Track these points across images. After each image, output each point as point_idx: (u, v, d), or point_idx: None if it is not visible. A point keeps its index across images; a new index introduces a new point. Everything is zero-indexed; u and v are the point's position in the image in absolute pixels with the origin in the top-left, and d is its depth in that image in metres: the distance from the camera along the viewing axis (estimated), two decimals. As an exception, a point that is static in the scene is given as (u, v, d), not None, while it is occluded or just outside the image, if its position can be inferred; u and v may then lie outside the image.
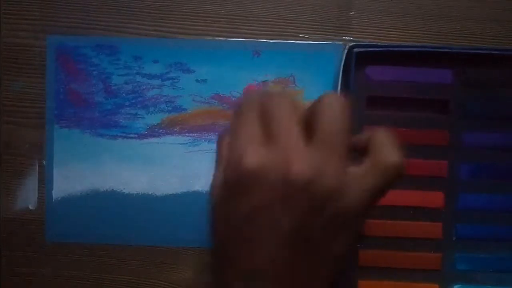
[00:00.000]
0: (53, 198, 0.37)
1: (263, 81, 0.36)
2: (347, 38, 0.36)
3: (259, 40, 0.36)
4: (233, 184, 0.22)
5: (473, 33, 0.36)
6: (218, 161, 0.25)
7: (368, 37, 0.36)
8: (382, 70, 0.35)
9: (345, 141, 0.23)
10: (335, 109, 0.22)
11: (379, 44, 0.35)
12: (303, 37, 0.36)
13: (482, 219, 0.35)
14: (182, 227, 0.37)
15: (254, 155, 0.22)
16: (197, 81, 0.36)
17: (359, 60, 0.34)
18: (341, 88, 0.34)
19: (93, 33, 0.36)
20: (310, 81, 0.36)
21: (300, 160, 0.21)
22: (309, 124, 0.23)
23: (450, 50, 0.34)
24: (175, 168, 0.36)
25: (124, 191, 0.37)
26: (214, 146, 0.36)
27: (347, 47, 0.34)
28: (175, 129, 0.36)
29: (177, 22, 0.36)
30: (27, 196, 0.37)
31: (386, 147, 0.23)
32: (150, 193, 0.37)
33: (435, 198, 0.35)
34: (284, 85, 0.36)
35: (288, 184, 0.21)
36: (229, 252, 0.24)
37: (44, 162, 0.37)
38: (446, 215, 0.35)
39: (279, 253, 0.22)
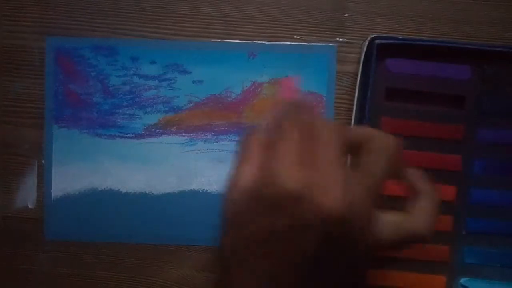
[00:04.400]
0: (52, 197, 0.37)
1: (258, 83, 0.37)
2: (341, 39, 0.36)
3: (254, 41, 0.37)
4: (265, 198, 0.22)
5: (465, 33, 0.36)
6: (242, 158, 0.24)
7: (361, 39, 0.36)
8: (401, 63, 0.35)
9: (384, 184, 0.23)
10: (385, 153, 0.23)
11: (400, 37, 0.35)
12: (298, 38, 0.37)
13: (492, 214, 0.36)
14: (179, 226, 0.37)
15: (295, 177, 0.21)
16: (193, 82, 0.37)
17: (379, 52, 0.34)
18: (360, 79, 0.34)
19: (91, 35, 0.37)
20: (305, 82, 0.37)
21: (338, 195, 0.21)
22: (352, 149, 0.24)
23: (470, 46, 0.34)
24: (172, 167, 0.37)
25: (121, 190, 0.37)
26: (210, 145, 0.37)
27: (369, 38, 0.34)
28: (172, 129, 0.37)
29: (174, 24, 0.37)
30: (27, 194, 0.37)
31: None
32: (147, 192, 0.37)
33: (447, 192, 0.35)
34: (279, 85, 0.37)
35: (320, 214, 0.21)
36: (240, 259, 0.23)
37: (43, 161, 0.37)
38: (457, 209, 0.36)
39: (285, 277, 0.22)
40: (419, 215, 0.25)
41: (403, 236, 0.24)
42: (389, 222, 0.24)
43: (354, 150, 0.24)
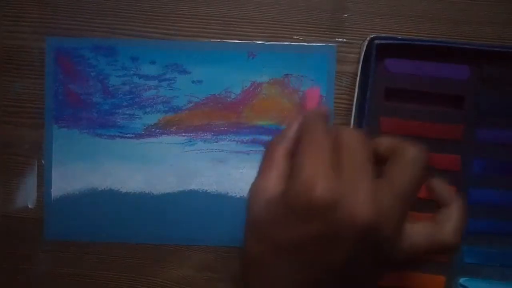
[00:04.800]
0: (52, 197, 0.37)
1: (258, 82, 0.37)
2: (340, 39, 0.36)
3: (254, 41, 0.37)
4: (296, 207, 0.22)
5: (464, 33, 0.36)
6: (267, 166, 0.24)
7: (360, 39, 0.36)
8: (401, 63, 0.35)
9: (415, 195, 0.23)
10: (413, 166, 0.23)
11: (399, 37, 0.35)
12: (297, 38, 0.37)
13: (492, 214, 0.36)
14: (179, 226, 0.37)
15: (326, 187, 0.21)
16: (193, 82, 0.37)
17: (379, 52, 0.34)
18: (360, 79, 0.34)
19: (91, 35, 0.37)
20: (304, 82, 0.37)
21: (369, 204, 0.21)
22: (375, 159, 0.24)
23: (469, 47, 0.34)
24: (172, 167, 0.37)
25: (121, 190, 0.37)
26: (210, 145, 0.37)
27: (368, 38, 0.34)
28: (172, 129, 0.37)
29: (173, 24, 0.37)
30: (27, 194, 0.38)
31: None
32: (147, 192, 0.37)
33: None
34: (278, 85, 0.37)
35: (350, 222, 0.21)
36: (264, 269, 0.23)
37: (43, 161, 0.37)
38: None
39: (313, 286, 0.22)
40: (448, 226, 0.25)
41: (432, 246, 0.24)
42: (418, 232, 0.24)
43: (381, 159, 0.24)
